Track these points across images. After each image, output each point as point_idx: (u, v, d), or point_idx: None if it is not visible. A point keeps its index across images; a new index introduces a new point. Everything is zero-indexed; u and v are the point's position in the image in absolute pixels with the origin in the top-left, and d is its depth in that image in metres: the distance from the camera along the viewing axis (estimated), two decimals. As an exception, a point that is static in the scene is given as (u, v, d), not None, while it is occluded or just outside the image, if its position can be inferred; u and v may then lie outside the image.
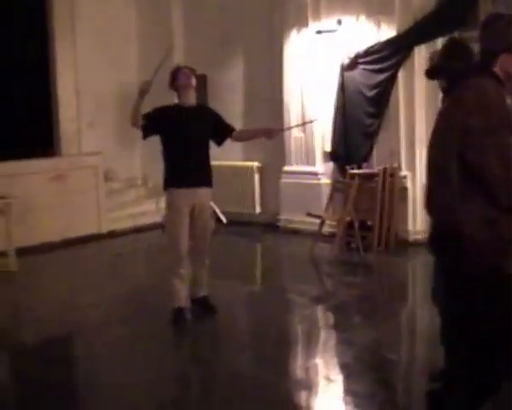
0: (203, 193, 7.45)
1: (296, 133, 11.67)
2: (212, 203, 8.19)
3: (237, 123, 8.41)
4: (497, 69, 3.99)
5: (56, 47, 12.83)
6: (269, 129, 8.17)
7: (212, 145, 7.64)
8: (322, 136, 11.51)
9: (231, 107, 12.15)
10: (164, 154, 7.49)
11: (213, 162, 7.61)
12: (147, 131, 7.43)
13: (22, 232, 10.48)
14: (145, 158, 13.83)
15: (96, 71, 13.01)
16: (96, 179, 12.41)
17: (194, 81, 7.54)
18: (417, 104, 10.42)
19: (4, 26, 12.46)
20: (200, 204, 7.40)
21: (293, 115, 11.68)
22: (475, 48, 4.57)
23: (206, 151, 7.51)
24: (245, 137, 8.46)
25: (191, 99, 7.52)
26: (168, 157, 7.44)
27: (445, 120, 4.05)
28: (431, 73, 5.71)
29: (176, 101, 7.68)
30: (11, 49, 12.51)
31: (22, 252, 10.33)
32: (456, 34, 9.78)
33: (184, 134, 7.32)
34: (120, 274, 10.20)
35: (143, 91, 7.22)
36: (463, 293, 3.99)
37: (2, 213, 10.01)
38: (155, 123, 7.37)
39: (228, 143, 7.81)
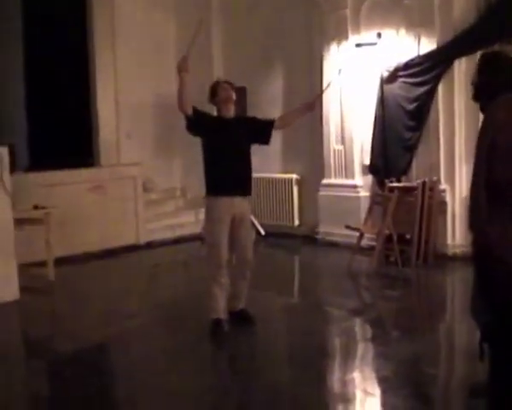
0: (243, 203, 7.45)
1: (335, 146, 11.67)
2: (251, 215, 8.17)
3: (276, 136, 8.38)
4: None
5: (96, 59, 12.98)
6: (308, 103, 8.16)
7: (252, 158, 7.62)
8: (361, 149, 11.49)
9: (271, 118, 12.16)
10: (205, 162, 7.51)
11: (252, 174, 7.62)
12: (190, 123, 7.42)
13: (61, 242, 10.57)
14: (184, 169, 13.91)
15: (134, 82, 13.12)
16: (135, 190, 12.49)
17: (234, 95, 7.60)
18: (457, 118, 10.36)
19: (46, 38, 12.63)
20: (241, 213, 7.40)
21: (332, 128, 11.67)
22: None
23: (248, 161, 7.52)
24: (289, 120, 8.31)
25: (231, 112, 7.57)
26: (209, 166, 7.46)
27: (478, 142, 4.08)
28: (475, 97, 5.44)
29: (215, 114, 7.73)
30: (52, 62, 12.67)
31: (61, 262, 10.41)
32: (496, 47, 9.74)
33: (225, 144, 7.36)
34: (159, 285, 10.23)
35: (181, 69, 7.32)
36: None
37: (42, 223, 10.09)
38: (200, 122, 7.39)
39: (267, 155, 7.81)
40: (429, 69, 10.45)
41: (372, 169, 11.29)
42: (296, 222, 12.62)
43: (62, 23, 12.81)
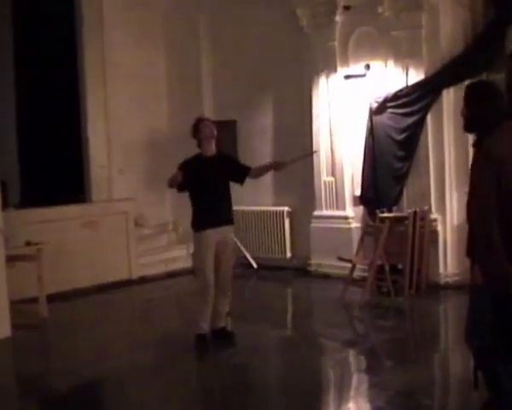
0: (226, 230, 8.15)
1: (325, 177, 11.70)
2: (239, 244, 8.41)
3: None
4: None
5: (87, 95, 13.02)
6: (276, 162, 8.98)
7: (243, 192, 7.92)
8: (352, 180, 11.52)
9: (260, 151, 12.22)
10: (191, 200, 8.22)
11: (243, 208, 7.80)
12: (180, 188, 8.22)
13: (54, 278, 10.55)
14: (175, 204, 13.87)
15: (126, 118, 13.16)
16: (127, 225, 12.49)
17: (215, 133, 8.17)
18: (446, 147, 10.42)
19: (37, 77, 12.68)
20: (224, 238, 8.09)
21: (322, 160, 11.71)
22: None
23: (228, 194, 8.24)
24: (260, 172, 8.66)
25: (212, 149, 8.20)
26: (193, 204, 8.20)
27: (481, 178, 4.07)
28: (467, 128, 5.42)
29: (198, 150, 8.28)
30: (44, 99, 12.71)
31: (53, 298, 10.38)
32: (484, 77, 9.83)
33: (206, 183, 8.03)
34: (151, 320, 10.21)
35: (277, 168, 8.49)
36: None
37: (34, 259, 10.06)
38: (185, 178, 8.00)
39: (258, 188, 8.15)
40: (418, 99, 10.51)
41: (363, 200, 11.31)
42: (288, 254, 12.61)
43: (53, 62, 12.86)
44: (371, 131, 10.99)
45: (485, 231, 4.08)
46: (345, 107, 11.46)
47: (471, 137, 5.66)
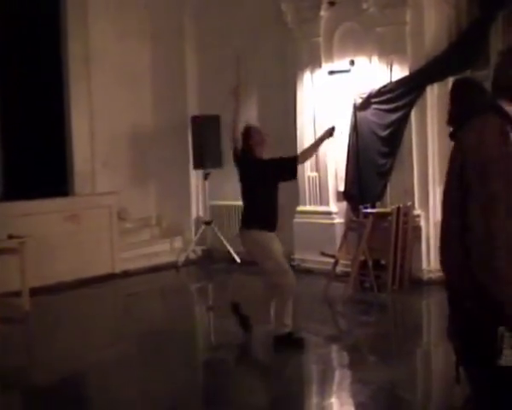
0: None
1: (309, 173, 11.71)
2: (222, 238, 8.40)
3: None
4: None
5: (71, 88, 12.99)
6: (327, 131, 8.58)
7: (226, 186, 7.85)
8: (336, 175, 11.54)
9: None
10: (246, 197, 8.12)
11: (227, 202, 7.77)
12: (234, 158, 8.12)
13: (36, 272, 10.49)
14: (159, 198, 13.92)
15: (109, 112, 13.13)
16: (110, 219, 12.45)
17: (265, 139, 8.17)
18: (430, 143, 10.45)
19: (20, 69, 12.62)
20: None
21: (306, 155, 11.72)
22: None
23: (276, 198, 8.13)
24: (309, 154, 8.76)
25: (263, 153, 8.09)
26: (249, 202, 8.09)
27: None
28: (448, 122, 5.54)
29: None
30: (27, 92, 12.64)
31: (36, 291, 10.33)
32: (468, 74, 9.86)
33: (258, 185, 7.97)
34: (134, 314, 10.19)
35: (235, 95, 8.18)
36: None
37: (17, 253, 10.03)
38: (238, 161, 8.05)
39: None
40: (402, 96, 10.54)
41: (346, 195, 11.34)
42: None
43: (36, 53, 12.79)
44: (355, 127, 11.01)
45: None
46: (329, 102, 11.47)
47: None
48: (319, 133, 11.40)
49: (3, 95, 13.25)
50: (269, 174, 7.95)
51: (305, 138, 11.71)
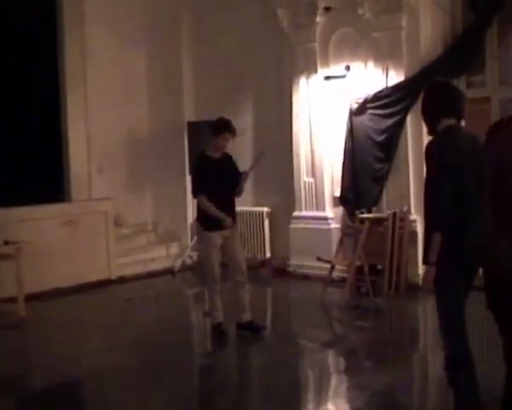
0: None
1: (305, 178, 11.72)
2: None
3: (247, 168, 8.58)
4: None
5: (67, 93, 12.98)
6: (256, 158, 9.44)
7: None
8: (332, 181, 11.55)
9: (241, 151, 12.18)
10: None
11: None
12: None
13: (32, 278, 10.46)
14: (155, 204, 13.92)
15: (106, 117, 13.12)
16: (107, 225, 12.43)
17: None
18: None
19: (17, 75, 12.59)
20: (231, 234, 8.50)
21: (302, 160, 11.73)
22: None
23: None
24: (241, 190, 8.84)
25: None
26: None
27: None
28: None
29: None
30: (23, 97, 12.62)
31: (32, 297, 10.31)
32: (463, 78, 9.89)
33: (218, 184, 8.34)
34: (131, 320, 10.17)
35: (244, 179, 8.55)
36: None
37: (13, 258, 10.00)
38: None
39: None
40: (397, 101, 10.56)
41: (342, 201, 11.34)
42: (268, 255, 12.62)
43: (33, 59, 12.78)
44: (351, 132, 11.02)
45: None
46: (325, 107, 11.49)
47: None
48: (315, 138, 11.49)
49: (-1, 102, 13.25)
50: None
51: (300, 144, 11.72)
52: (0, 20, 12.48)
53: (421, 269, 10.45)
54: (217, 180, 8.25)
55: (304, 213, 11.89)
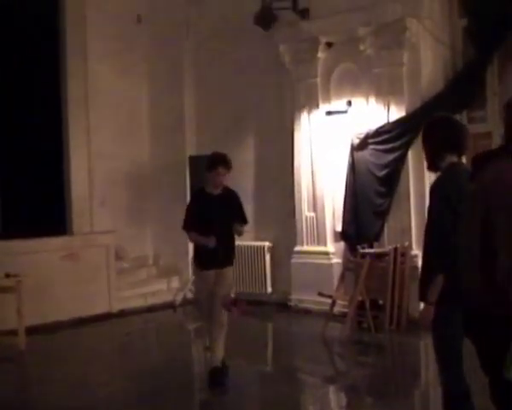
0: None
1: (307, 213, 11.73)
2: None
3: (248, 203, 8.59)
4: None
5: (70, 127, 13.03)
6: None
7: None
8: (333, 215, 11.55)
9: (242, 187, 12.19)
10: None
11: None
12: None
13: (33, 310, 10.44)
14: (156, 237, 13.91)
15: (108, 150, 13.14)
16: (108, 258, 12.43)
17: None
18: (427, 183, 10.44)
19: (20, 106, 12.65)
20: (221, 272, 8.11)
21: (304, 195, 11.74)
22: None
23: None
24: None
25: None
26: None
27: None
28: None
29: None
30: (26, 128, 12.66)
31: (33, 330, 10.28)
32: (464, 114, 9.93)
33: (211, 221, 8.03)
34: (131, 354, 10.14)
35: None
36: None
37: (14, 291, 10.00)
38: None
39: None
40: (399, 136, 10.59)
41: (344, 236, 11.33)
42: (269, 289, 12.60)
43: (36, 92, 12.84)
44: (352, 167, 11.05)
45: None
46: (326, 142, 11.52)
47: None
48: (317, 173, 11.51)
49: (2, 133, 13.29)
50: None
51: (302, 178, 11.74)
52: (2, 55, 12.56)
53: (422, 304, 10.43)
54: (215, 216, 7.96)
55: (305, 247, 11.88)
